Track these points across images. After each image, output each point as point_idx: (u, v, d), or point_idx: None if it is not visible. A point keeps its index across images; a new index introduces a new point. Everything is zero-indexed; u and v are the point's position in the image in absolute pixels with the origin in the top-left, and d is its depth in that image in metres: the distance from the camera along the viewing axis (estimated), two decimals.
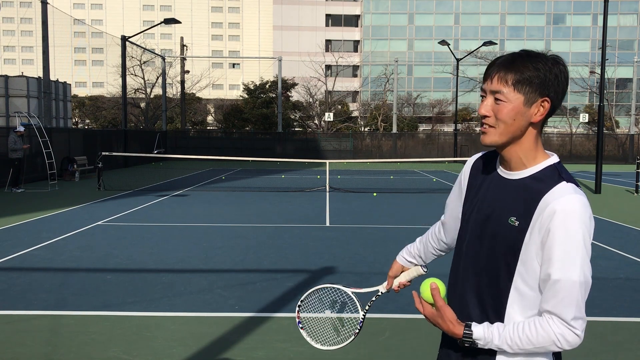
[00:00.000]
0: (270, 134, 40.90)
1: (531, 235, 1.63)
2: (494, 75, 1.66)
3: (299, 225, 11.15)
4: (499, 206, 1.71)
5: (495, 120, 1.67)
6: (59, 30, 67.25)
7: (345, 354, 4.69)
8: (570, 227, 1.58)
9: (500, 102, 1.66)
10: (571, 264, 1.58)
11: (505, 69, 1.65)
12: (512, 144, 1.70)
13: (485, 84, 1.69)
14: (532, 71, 1.63)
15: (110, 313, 5.63)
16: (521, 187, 1.68)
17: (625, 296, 6.41)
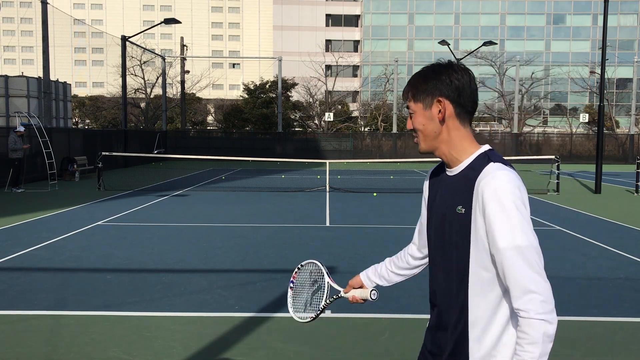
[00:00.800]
0: (270, 134, 40.90)
1: (475, 218, 1.77)
2: (404, 97, 1.96)
3: (299, 225, 11.15)
4: (450, 201, 1.87)
5: (421, 132, 1.92)
6: (59, 30, 67.27)
7: (346, 353, 4.69)
8: (501, 199, 1.70)
9: (412, 115, 1.93)
10: (511, 232, 1.70)
11: (407, 89, 1.96)
12: (440, 145, 1.89)
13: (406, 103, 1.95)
14: (421, 81, 1.91)
15: (110, 313, 5.63)
16: (462, 179, 1.84)
17: (625, 296, 6.41)
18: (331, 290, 2.40)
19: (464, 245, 1.81)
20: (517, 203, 1.73)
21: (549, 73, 63.81)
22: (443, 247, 1.90)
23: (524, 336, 1.66)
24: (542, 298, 1.66)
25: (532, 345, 1.65)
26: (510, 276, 1.69)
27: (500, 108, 63.52)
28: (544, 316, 1.65)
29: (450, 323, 1.87)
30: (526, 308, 1.66)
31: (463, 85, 1.85)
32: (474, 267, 1.80)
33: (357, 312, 5.74)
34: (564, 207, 14.21)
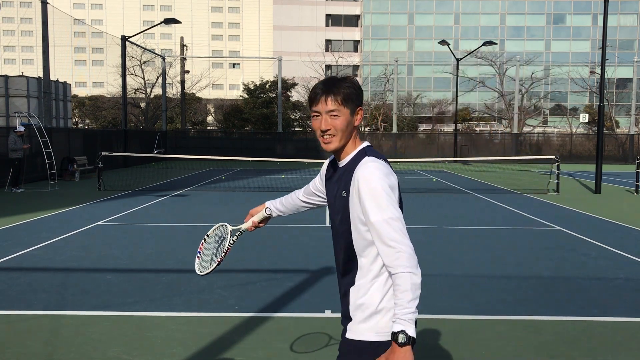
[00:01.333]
0: (270, 134, 40.90)
1: (352, 200, 2.22)
2: (325, 99, 2.23)
3: (298, 225, 11.15)
4: (337, 187, 2.32)
5: (334, 130, 2.24)
6: (59, 30, 67.27)
7: None
8: (370, 184, 2.14)
9: (336, 117, 2.22)
10: (379, 208, 2.11)
11: (333, 93, 2.22)
12: (347, 144, 2.30)
13: (317, 107, 2.25)
14: (352, 90, 2.24)
15: (110, 313, 5.63)
16: (346, 169, 2.28)
17: (625, 296, 6.41)
18: (232, 231, 2.70)
19: (347, 223, 2.27)
20: (385, 186, 2.14)
21: (549, 73, 63.82)
22: (335, 225, 2.36)
23: (398, 287, 2.07)
24: (407, 256, 2.08)
25: (405, 293, 2.05)
26: (382, 242, 2.11)
27: (500, 108, 63.54)
28: (410, 269, 2.07)
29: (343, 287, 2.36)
30: (396, 265, 2.08)
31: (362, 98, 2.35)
32: (356, 239, 2.25)
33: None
34: (564, 207, 14.21)
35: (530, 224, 11.59)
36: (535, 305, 6.00)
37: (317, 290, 6.48)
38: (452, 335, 5.11)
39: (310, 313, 5.67)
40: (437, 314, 5.71)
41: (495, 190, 18.30)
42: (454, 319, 5.54)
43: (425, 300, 6.16)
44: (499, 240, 9.71)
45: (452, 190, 18.35)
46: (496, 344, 4.92)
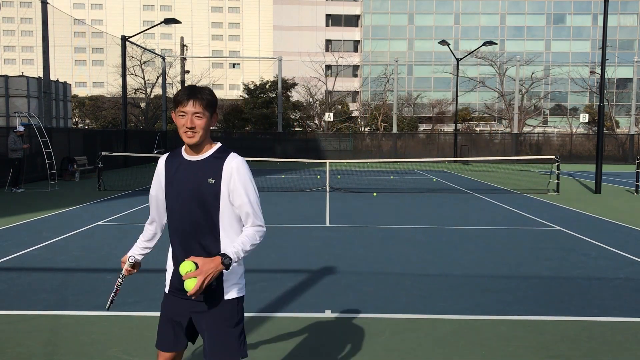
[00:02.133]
0: (270, 134, 40.90)
1: (222, 186, 2.77)
2: (192, 102, 2.72)
3: (299, 225, 11.15)
4: (196, 177, 2.77)
5: (198, 129, 2.74)
6: (59, 30, 67.26)
7: (346, 353, 4.69)
8: (241, 172, 2.79)
9: (200, 117, 2.73)
10: (248, 191, 2.80)
11: (198, 98, 2.73)
12: (204, 140, 2.80)
13: (184, 108, 2.72)
14: (212, 97, 2.79)
15: (110, 313, 5.62)
16: (208, 162, 2.80)
17: (625, 296, 6.41)
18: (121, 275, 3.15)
19: (215, 205, 2.78)
20: (249, 175, 2.82)
21: (549, 73, 63.79)
22: (194, 209, 2.78)
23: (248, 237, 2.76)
24: (264, 228, 2.85)
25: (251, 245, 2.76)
26: (253, 216, 2.81)
27: (500, 108, 63.53)
28: (262, 237, 2.84)
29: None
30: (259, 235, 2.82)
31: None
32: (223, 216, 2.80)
33: (357, 312, 5.74)
34: (564, 207, 14.21)
35: (530, 224, 11.59)
36: (535, 305, 6.00)
37: (317, 290, 6.48)
38: (452, 335, 5.11)
39: (310, 313, 5.67)
40: (437, 314, 5.71)
41: (495, 190, 18.30)
42: (454, 319, 5.54)
43: (426, 300, 6.17)
44: (499, 240, 9.71)
45: (452, 190, 18.36)
46: (496, 344, 4.92)
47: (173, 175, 2.83)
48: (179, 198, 2.80)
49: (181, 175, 2.80)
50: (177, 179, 2.81)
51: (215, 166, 2.78)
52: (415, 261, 8.07)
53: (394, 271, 7.46)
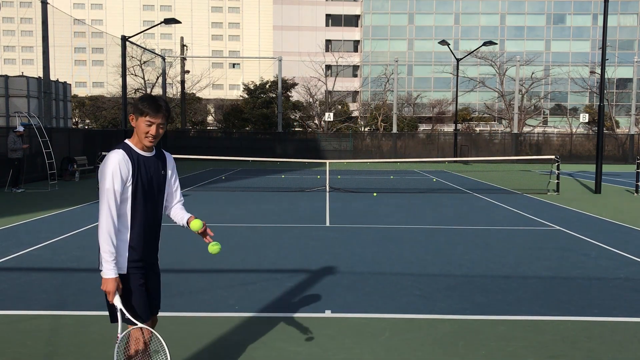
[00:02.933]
0: (270, 134, 40.89)
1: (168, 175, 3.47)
2: (161, 116, 3.25)
3: (299, 225, 11.15)
4: (157, 170, 3.36)
5: (158, 137, 3.29)
6: (59, 30, 67.21)
7: (346, 353, 4.69)
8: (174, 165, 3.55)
9: (162, 128, 3.28)
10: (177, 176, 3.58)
11: (165, 112, 3.27)
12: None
13: (152, 119, 3.23)
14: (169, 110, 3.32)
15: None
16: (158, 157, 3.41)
17: (625, 296, 6.41)
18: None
19: (164, 192, 3.45)
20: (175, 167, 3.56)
21: (549, 73, 63.79)
22: (157, 199, 3.38)
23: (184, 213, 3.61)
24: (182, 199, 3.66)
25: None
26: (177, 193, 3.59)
27: (500, 108, 63.53)
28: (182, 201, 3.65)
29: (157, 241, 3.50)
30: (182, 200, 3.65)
31: None
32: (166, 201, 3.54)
33: (357, 312, 5.74)
34: (564, 207, 14.22)
35: (530, 224, 11.59)
36: (535, 305, 6.00)
37: (317, 290, 6.48)
38: (452, 335, 5.11)
39: (310, 313, 5.67)
40: (437, 314, 5.71)
41: (495, 190, 18.30)
42: (454, 319, 5.54)
43: (426, 300, 6.17)
44: (499, 240, 9.71)
45: (452, 190, 18.36)
46: (496, 344, 4.93)
47: (138, 171, 3.22)
48: (152, 190, 3.31)
49: (145, 170, 3.26)
50: (143, 173, 3.25)
51: (162, 160, 3.42)
52: (415, 261, 8.07)
53: (394, 271, 7.47)
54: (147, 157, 3.30)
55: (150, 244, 3.38)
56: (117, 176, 3.14)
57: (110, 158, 3.18)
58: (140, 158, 3.26)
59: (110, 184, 3.12)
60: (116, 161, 3.15)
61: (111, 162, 3.15)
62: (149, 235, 3.36)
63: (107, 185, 3.12)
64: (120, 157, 3.17)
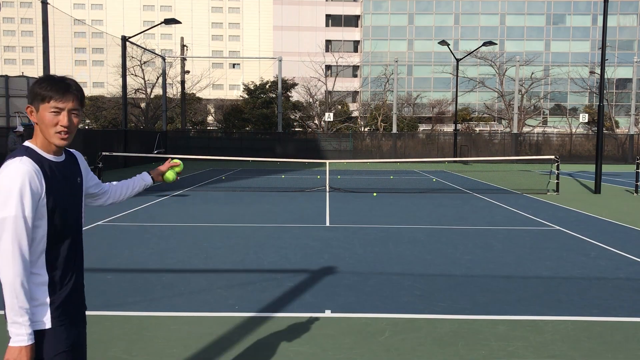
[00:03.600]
0: (270, 134, 40.90)
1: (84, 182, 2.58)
2: (72, 98, 2.34)
3: (299, 225, 11.15)
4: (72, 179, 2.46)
5: (73, 128, 2.41)
6: (59, 31, 67.27)
7: (346, 353, 4.69)
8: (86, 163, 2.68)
9: (77, 115, 2.40)
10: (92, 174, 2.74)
11: (77, 93, 2.36)
12: None
13: (59, 103, 2.31)
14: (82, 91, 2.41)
15: (110, 313, 5.62)
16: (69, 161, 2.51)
17: (625, 296, 6.41)
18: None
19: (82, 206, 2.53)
20: None
21: (548, 73, 63.81)
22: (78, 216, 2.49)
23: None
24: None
25: None
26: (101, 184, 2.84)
27: (500, 108, 63.53)
28: None
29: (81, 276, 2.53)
30: None
31: None
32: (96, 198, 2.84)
33: (357, 312, 5.74)
34: (564, 207, 14.22)
35: (530, 224, 11.59)
36: (535, 305, 6.01)
37: (317, 290, 6.49)
38: (452, 335, 5.11)
39: (310, 313, 5.67)
40: (437, 314, 5.71)
41: (495, 190, 18.30)
42: (454, 319, 5.55)
43: (426, 300, 6.17)
44: (499, 240, 9.71)
45: (452, 190, 18.36)
46: (496, 344, 4.93)
47: (52, 183, 2.31)
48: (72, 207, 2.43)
49: (59, 181, 2.36)
50: (58, 187, 2.34)
51: (74, 164, 2.54)
52: (415, 261, 8.07)
53: (394, 271, 7.47)
54: (58, 163, 2.39)
55: (78, 276, 2.46)
56: (26, 196, 2.20)
57: (11, 171, 2.21)
58: (52, 165, 2.34)
59: (17, 210, 2.18)
60: (22, 175, 2.21)
61: (14, 178, 2.19)
62: (75, 266, 2.44)
63: (11, 211, 2.17)
64: (28, 167, 2.23)
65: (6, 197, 2.18)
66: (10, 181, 2.19)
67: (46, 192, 2.28)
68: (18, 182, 2.19)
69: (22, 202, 2.19)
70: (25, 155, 2.27)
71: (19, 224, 2.19)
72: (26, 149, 2.32)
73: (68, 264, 2.40)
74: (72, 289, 2.41)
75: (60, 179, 2.37)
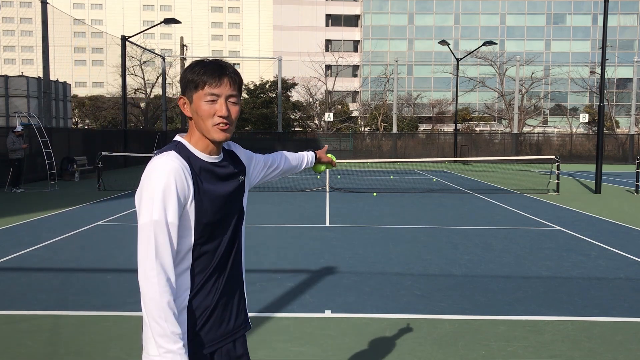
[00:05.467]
0: (270, 134, 40.90)
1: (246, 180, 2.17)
2: (227, 81, 1.93)
3: (299, 225, 11.15)
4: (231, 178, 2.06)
5: (232, 119, 1.97)
6: (59, 30, 67.27)
7: (346, 353, 4.69)
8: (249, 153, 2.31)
9: (235, 103, 1.96)
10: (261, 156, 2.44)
11: (233, 75, 1.95)
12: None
13: (216, 89, 1.91)
14: (240, 78, 1.99)
15: (110, 313, 5.62)
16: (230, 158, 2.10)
17: (625, 296, 6.41)
18: None
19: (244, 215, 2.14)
20: None
21: (549, 73, 63.80)
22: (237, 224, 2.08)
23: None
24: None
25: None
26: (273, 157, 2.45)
27: (500, 108, 63.53)
28: None
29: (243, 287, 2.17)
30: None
31: None
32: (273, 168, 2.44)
33: (357, 312, 5.74)
34: (564, 207, 14.21)
35: (530, 224, 11.59)
36: (535, 305, 6.00)
37: (317, 290, 6.48)
38: (452, 335, 5.11)
39: (310, 313, 5.67)
40: (437, 314, 5.71)
41: (495, 190, 18.29)
42: (454, 319, 5.54)
43: (426, 300, 6.17)
44: (499, 240, 9.70)
45: (452, 190, 18.35)
46: (496, 344, 4.93)
47: (204, 186, 1.95)
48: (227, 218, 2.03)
49: (214, 184, 1.98)
50: (211, 191, 1.97)
51: (234, 160, 2.11)
52: (415, 261, 8.07)
53: (394, 271, 7.46)
54: (215, 164, 2.01)
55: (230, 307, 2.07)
56: (171, 198, 1.86)
57: (155, 168, 1.87)
58: (206, 166, 1.98)
59: (160, 214, 1.88)
60: (167, 173, 1.86)
61: (158, 177, 1.86)
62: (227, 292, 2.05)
63: (153, 216, 1.89)
64: (175, 164, 1.88)
65: (148, 199, 1.85)
66: (154, 180, 1.84)
67: (194, 195, 1.90)
68: (162, 182, 1.84)
69: (166, 205, 1.84)
70: (173, 150, 1.92)
71: (162, 231, 1.88)
72: (177, 143, 1.96)
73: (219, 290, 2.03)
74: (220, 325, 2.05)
75: (216, 182, 1.98)
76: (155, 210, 1.83)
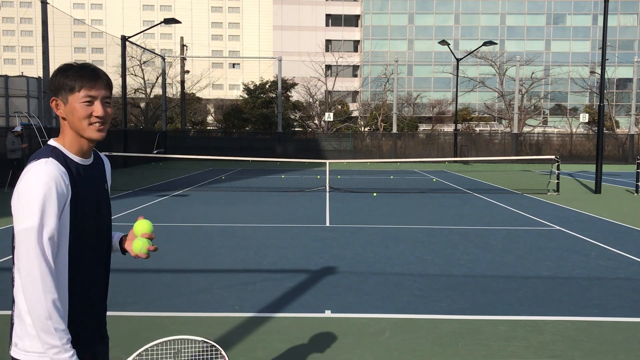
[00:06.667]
0: (270, 134, 40.90)
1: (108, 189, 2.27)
2: (102, 84, 2.07)
3: (299, 225, 11.15)
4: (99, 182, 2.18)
5: (107, 118, 2.12)
6: (59, 30, 67.27)
7: (346, 353, 4.69)
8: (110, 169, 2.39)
9: (109, 104, 2.12)
10: None
11: (106, 78, 2.10)
12: None
13: (92, 91, 2.04)
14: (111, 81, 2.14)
15: (110, 313, 5.60)
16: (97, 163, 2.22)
17: (625, 296, 6.41)
18: None
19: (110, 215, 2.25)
20: None
21: (549, 73, 63.81)
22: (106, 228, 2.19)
23: None
24: None
25: None
26: None
27: (500, 108, 63.54)
28: None
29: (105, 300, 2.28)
30: None
31: None
32: None
33: (357, 312, 5.74)
34: (564, 207, 14.21)
35: (530, 224, 11.59)
36: (535, 305, 6.00)
37: (317, 290, 6.48)
38: (452, 335, 5.10)
39: (310, 313, 5.67)
40: (437, 314, 5.71)
41: (495, 190, 18.29)
42: (454, 319, 5.54)
43: (426, 300, 6.17)
44: (499, 240, 9.70)
45: (452, 190, 18.35)
46: (496, 344, 4.93)
47: (79, 189, 2.04)
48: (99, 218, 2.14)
49: (87, 186, 2.08)
50: (85, 192, 2.06)
51: (101, 167, 2.24)
52: (415, 261, 8.07)
53: (394, 271, 7.47)
54: (86, 166, 2.11)
55: (102, 301, 2.24)
56: (51, 204, 1.92)
57: (35, 175, 1.93)
58: (80, 169, 2.07)
59: (40, 219, 1.90)
60: (48, 179, 1.92)
61: (38, 183, 1.91)
62: (100, 289, 2.20)
63: (35, 221, 1.89)
64: (54, 171, 1.95)
65: (29, 205, 1.89)
66: (34, 187, 1.90)
67: (72, 198, 1.99)
68: (43, 189, 1.90)
69: (47, 211, 1.91)
70: (51, 157, 1.98)
71: (45, 235, 1.91)
72: (52, 149, 2.02)
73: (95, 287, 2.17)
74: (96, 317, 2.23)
75: (88, 184, 2.08)
76: (36, 216, 1.90)
